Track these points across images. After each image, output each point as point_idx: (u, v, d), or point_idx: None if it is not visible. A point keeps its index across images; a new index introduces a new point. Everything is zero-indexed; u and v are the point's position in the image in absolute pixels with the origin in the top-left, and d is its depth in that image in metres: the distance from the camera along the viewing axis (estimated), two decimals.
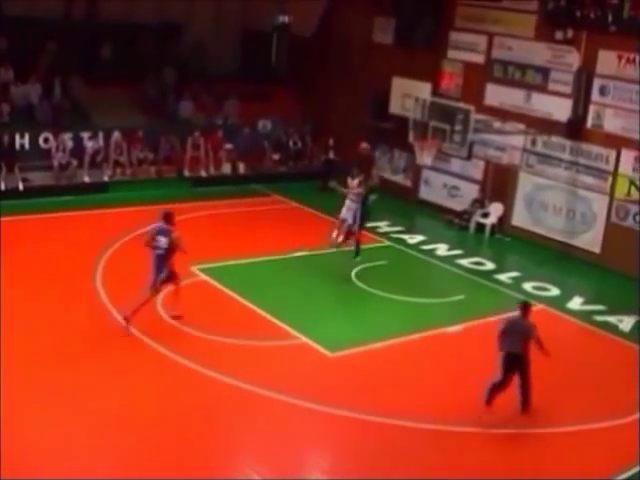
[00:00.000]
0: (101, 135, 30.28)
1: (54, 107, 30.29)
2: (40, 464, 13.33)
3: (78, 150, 29.46)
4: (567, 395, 17.90)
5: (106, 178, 29.63)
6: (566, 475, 14.76)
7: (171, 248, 18.36)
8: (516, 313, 16.92)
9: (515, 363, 16.35)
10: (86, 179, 29.27)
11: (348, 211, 23.86)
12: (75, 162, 28.99)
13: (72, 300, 19.66)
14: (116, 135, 30.22)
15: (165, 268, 18.39)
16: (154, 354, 17.63)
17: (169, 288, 19.21)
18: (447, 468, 14.60)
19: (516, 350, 16.35)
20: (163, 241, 18.37)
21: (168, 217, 18.73)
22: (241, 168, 32.81)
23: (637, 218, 25.84)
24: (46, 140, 29.30)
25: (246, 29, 36.38)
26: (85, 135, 30.00)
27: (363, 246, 24.15)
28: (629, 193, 26.16)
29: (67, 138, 29.37)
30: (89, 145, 29.70)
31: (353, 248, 23.82)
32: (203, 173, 31.76)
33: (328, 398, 16.44)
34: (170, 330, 18.80)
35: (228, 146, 32.45)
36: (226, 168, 32.49)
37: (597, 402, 17.68)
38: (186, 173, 31.51)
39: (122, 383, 16.27)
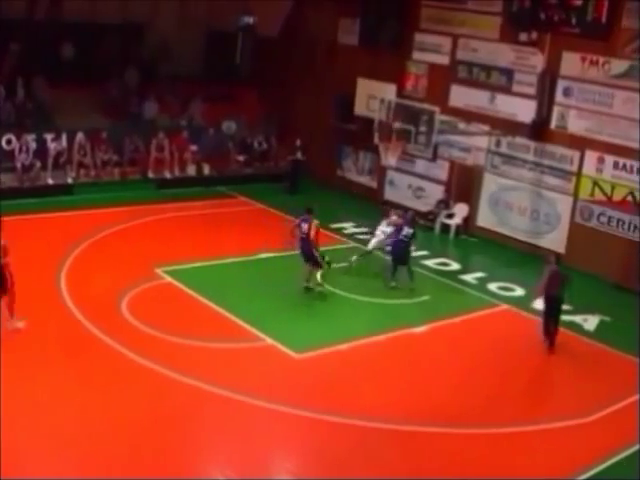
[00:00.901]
0: (65, 136, 29.96)
1: (17, 108, 30.03)
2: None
3: (42, 151, 29.21)
4: (533, 394, 18.03)
5: (70, 180, 29.43)
6: (533, 474, 14.82)
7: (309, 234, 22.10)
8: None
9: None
10: (50, 181, 29.08)
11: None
12: (39, 164, 28.77)
13: (36, 304, 19.47)
14: (80, 136, 29.90)
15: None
16: (118, 357, 17.52)
17: None
18: (413, 469, 14.61)
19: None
20: (305, 227, 22.05)
21: (310, 210, 22.37)
22: (206, 169, 32.68)
23: (601, 218, 26.00)
24: (9, 141, 29.00)
25: (210, 29, 36.19)
26: (49, 136, 29.72)
27: (327, 247, 24.11)
28: (593, 194, 26.31)
29: (30, 139, 29.08)
30: (52, 146, 29.47)
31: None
32: (168, 175, 31.58)
33: (295, 400, 16.42)
34: (135, 333, 18.70)
35: (193, 147, 32.32)
36: (191, 170, 32.36)
37: (563, 401, 17.82)
38: (150, 175, 31.30)
39: (85, 386, 16.17)
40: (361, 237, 27.05)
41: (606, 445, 15.88)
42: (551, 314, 20.48)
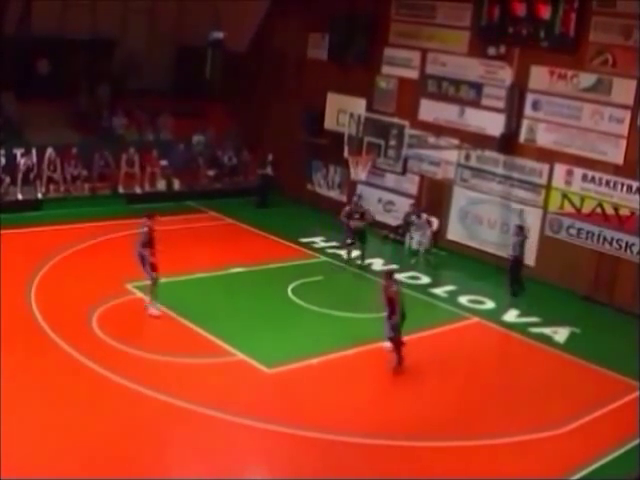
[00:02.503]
0: (34, 152, 29.84)
1: None
2: None
3: (11, 167, 29.03)
4: (505, 407, 18.01)
5: (40, 195, 29.26)
6: None
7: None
8: None
9: None
10: (19, 196, 28.90)
11: None
12: (8, 179, 28.59)
13: (6, 320, 19.31)
14: (49, 152, 29.84)
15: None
16: (88, 372, 17.42)
17: None
18: None
19: None
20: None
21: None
22: (176, 184, 32.60)
23: (570, 231, 26.12)
24: None
25: (180, 45, 36.21)
26: (18, 152, 29.58)
27: (298, 262, 24.12)
28: (562, 206, 26.44)
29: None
30: (22, 162, 29.30)
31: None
32: (138, 190, 31.46)
33: (266, 414, 16.37)
34: (105, 348, 18.60)
35: (163, 162, 32.23)
36: (161, 185, 32.27)
37: (535, 413, 17.82)
38: (120, 190, 31.18)
39: (55, 402, 16.04)
40: (331, 252, 27.10)
41: (579, 456, 15.94)
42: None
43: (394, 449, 15.78)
